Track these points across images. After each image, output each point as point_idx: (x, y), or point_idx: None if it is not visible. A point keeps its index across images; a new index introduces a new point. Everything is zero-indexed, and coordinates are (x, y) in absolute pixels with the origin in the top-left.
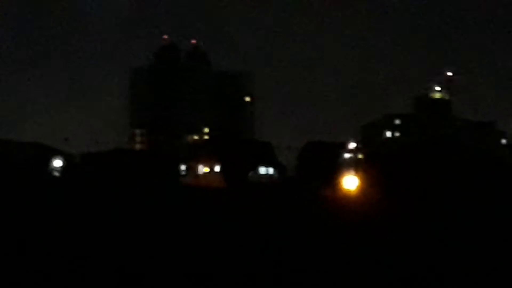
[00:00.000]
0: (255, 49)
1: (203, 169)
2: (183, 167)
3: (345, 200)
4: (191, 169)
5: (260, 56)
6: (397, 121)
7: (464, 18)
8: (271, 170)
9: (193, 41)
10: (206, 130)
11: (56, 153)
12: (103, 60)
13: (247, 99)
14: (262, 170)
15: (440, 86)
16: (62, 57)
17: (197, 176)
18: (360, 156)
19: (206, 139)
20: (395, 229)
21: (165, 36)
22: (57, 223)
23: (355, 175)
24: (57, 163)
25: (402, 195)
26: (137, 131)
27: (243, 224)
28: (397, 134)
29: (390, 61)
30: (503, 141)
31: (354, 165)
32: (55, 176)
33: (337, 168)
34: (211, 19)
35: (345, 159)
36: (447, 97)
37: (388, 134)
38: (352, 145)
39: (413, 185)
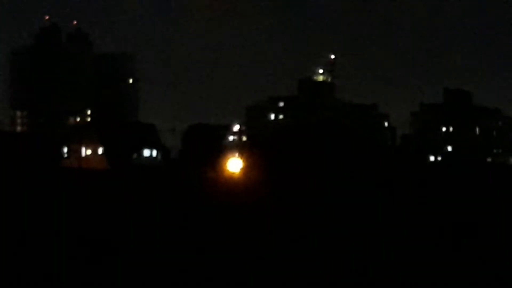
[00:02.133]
0: (137, 31)
1: (85, 151)
2: (65, 150)
3: (228, 182)
4: (74, 152)
5: (142, 37)
6: (281, 104)
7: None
8: (155, 153)
9: (75, 23)
10: (88, 112)
11: None
12: None
13: (130, 81)
14: (146, 152)
15: (323, 69)
16: None
17: (79, 158)
18: (244, 138)
19: (88, 121)
20: (276, 211)
21: (47, 17)
22: None
23: (239, 157)
24: None
25: (284, 178)
26: (18, 113)
27: (127, 207)
28: (280, 116)
29: (275, 43)
30: (385, 123)
31: (238, 147)
32: None
33: (221, 150)
34: (93, 0)
35: (229, 142)
36: (330, 80)
37: (272, 116)
38: (236, 128)
39: (295, 168)
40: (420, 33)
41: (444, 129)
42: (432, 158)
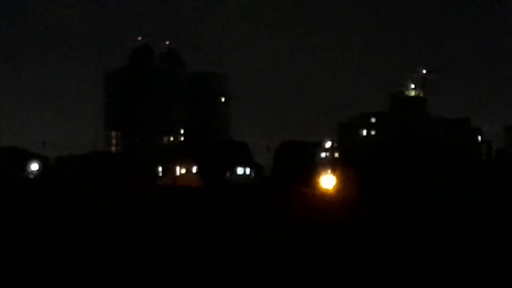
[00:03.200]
0: (229, 49)
1: (180, 170)
2: (159, 169)
3: (324, 199)
4: (168, 171)
5: (234, 56)
6: (373, 120)
7: (439, 16)
8: (248, 170)
9: (167, 43)
10: (182, 131)
11: (33, 157)
12: (77, 63)
13: (222, 99)
14: (240, 170)
15: (414, 84)
16: (36, 60)
17: (174, 177)
18: (336, 155)
19: (182, 140)
20: (372, 225)
21: (139, 38)
22: (37, 225)
23: (332, 174)
24: (34, 166)
25: (378, 193)
26: (113, 134)
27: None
28: (372, 132)
29: (366, 59)
30: (479, 137)
31: (330, 164)
32: (31, 179)
33: (313, 167)
34: (185, 20)
35: (322, 158)
36: (421, 95)
37: (364, 132)
38: (328, 144)
39: (389, 183)
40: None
41: None
42: None
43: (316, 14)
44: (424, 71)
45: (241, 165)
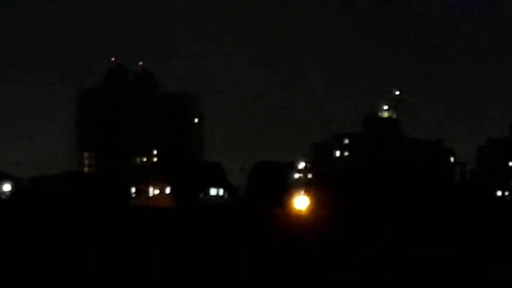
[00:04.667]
0: (203, 70)
1: (153, 191)
2: (133, 190)
3: (296, 219)
4: (142, 191)
5: (208, 77)
6: (346, 141)
7: (412, 38)
8: (221, 191)
9: (141, 63)
10: (155, 152)
11: (5, 177)
12: (51, 82)
13: (196, 120)
14: (213, 191)
15: (388, 105)
16: (9, 80)
17: (147, 198)
18: (309, 175)
19: (155, 161)
20: (347, 247)
21: (113, 59)
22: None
23: (305, 194)
24: (6, 187)
25: (352, 213)
26: (86, 154)
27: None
28: (346, 153)
29: (339, 80)
30: (451, 159)
31: (304, 184)
32: (4, 200)
33: (287, 188)
34: (159, 41)
35: (295, 179)
36: (395, 116)
37: (338, 153)
38: (301, 165)
39: (363, 203)
40: (485, 68)
41: (511, 164)
42: (499, 193)
43: (289, 35)
44: (397, 93)
45: (214, 186)
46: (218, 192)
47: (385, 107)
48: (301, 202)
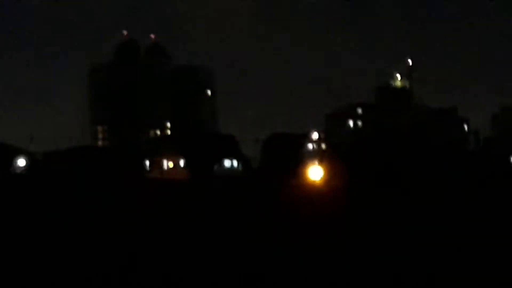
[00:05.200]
0: (215, 43)
1: (167, 164)
2: (147, 163)
3: (311, 190)
4: (156, 165)
5: (221, 49)
6: (359, 111)
7: (425, 7)
8: (235, 163)
9: (153, 37)
10: (168, 125)
11: (20, 153)
12: (63, 58)
13: (209, 92)
14: (227, 163)
15: (401, 74)
16: (22, 56)
17: (162, 171)
18: (323, 146)
19: (169, 134)
20: (359, 218)
21: (125, 33)
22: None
23: (319, 165)
24: (21, 162)
25: (365, 184)
26: (99, 128)
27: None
28: (359, 123)
29: (353, 51)
30: (465, 127)
31: (318, 155)
32: (19, 175)
33: (301, 159)
34: (171, 14)
35: (309, 150)
36: (408, 86)
37: (351, 123)
38: (315, 136)
39: (377, 174)
40: (499, 35)
41: None
42: None
43: (302, 6)
44: (410, 61)
45: (228, 158)
46: (232, 164)
47: (398, 76)
48: (315, 173)
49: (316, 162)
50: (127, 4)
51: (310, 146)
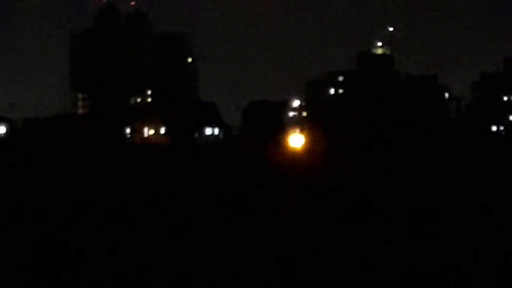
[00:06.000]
0: (196, 9)
1: (148, 131)
2: (127, 130)
3: (292, 157)
4: (137, 132)
5: (201, 16)
6: (340, 78)
7: None
8: (216, 131)
9: (133, 3)
10: (149, 92)
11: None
12: (43, 24)
13: (189, 59)
14: (208, 130)
15: (382, 42)
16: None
17: (142, 138)
18: (304, 114)
19: (150, 101)
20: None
21: None
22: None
23: (300, 133)
24: (1, 129)
25: (348, 151)
26: (79, 95)
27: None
28: (340, 91)
29: (333, 18)
30: (446, 94)
31: (299, 123)
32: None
33: (282, 126)
34: None
35: (290, 118)
36: (388, 53)
37: (332, 91)
38: (296, 103)
39: (358, 140)
40: (478, 2)
41: (505, 98)
42: (494, 128)
43: None
44: (391, 29)
45: (209, 125)
46: (213, 131)
47: (379, 44)
48: (296, 141)
49: (297, 130)
50: None
51: (291, 113)
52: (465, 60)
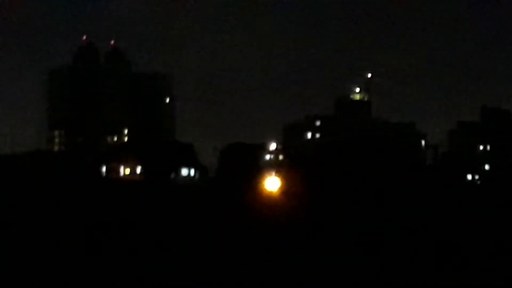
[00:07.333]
0: (174, 50)
1: (124, 170)
2: (103, 169)
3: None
4: (112, 171)
5: (179, 57)
6: (318, 123)
7: (383, 20)
8: (192, 172)
9: (112, 42)
10: (126, 131)
11: None
12: (21, 60)
13: (167, 100)
14: (184, 171)
15: (360, 88)
16: None
17: (118, 177)
18: (281, 157)
19: (126, 141)
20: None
21: (84, 37)
22: None
23: (277, 176)
24: None
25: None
26: (56, 133)
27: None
28: (317, 135)
29: (311, 62)
30: (423, 142)
31: (275, 166)
32: None
33: (259, 169)
34: (130, 20)
35: (267, 160)
36: (366, 99)
37: (309, 135)
38: (273, 146)
39: (334, 185)
40: (456, 51)
41: (481, 147)
42: (469, 177)
43: (262, 16)
44: (369, 75)
45: (186, 166)
46: (189, 172)
47: (357, 90)
48: (272, 184)
49: (273, 173)
50: (86, 8)
51: (267, 156)
52: (442, 108)
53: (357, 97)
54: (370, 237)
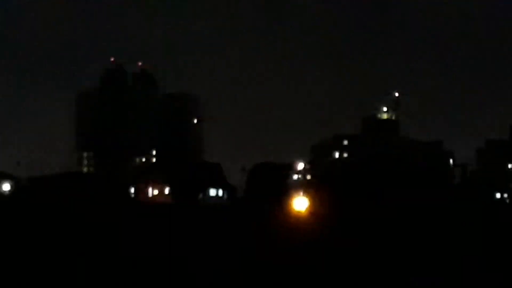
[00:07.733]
0: (202, 70)
1: (152, 191)
2: (132, 190)
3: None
4: (141, 192)
5: (207, 77)
6: (345, 142)
7: (411, 39)
8: (220, 192)
9: (140, 64)
10: (154, 152)
11: (5, 177)
12: (50, 83)
13: (195, 120)
14: (212, 192)
15: (387, 107)
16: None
17: (146, 198)
18: (308, 177)
19: (155, 162)
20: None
21: (112, 59)
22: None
23: (305, 196)
24: (6, 186)
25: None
26: (85, 154)
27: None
28: (345, 154)
29: (339, 82)
30: (451, 161)
31: (303, 186)
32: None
33: (286, 189)
34: (158, 41)
35: (295, 180)
36: (394, 118)
37: (336, 154)
38: (300, 166)
39: (361, 204)
40: (485, 69)
41: (510, 165)
42: (498, 195)
43: (289, 36)
44: (397, 94)
45: (214, 187)
46: (217, 192)
47: (385, 109)
48: (300, 203)
49: (301, 193)
50: (115, 30)
51: (295, 176)
52: (470, 127)
53: (385, 116)
54: (399, 258)
